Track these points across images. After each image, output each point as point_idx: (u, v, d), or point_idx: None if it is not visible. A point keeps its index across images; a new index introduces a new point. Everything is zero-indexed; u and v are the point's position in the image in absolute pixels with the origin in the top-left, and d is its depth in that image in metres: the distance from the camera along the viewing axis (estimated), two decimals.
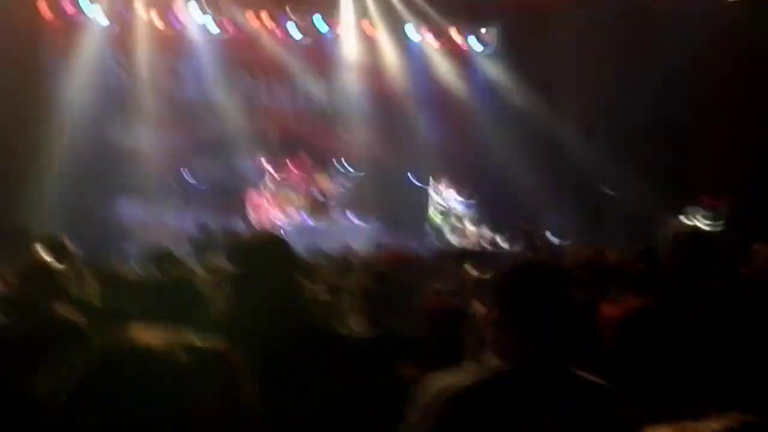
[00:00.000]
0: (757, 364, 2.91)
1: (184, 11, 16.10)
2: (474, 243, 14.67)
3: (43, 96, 14.63)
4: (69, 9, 15.26)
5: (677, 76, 14.49)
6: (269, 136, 16.30)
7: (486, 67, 18.10)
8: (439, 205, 15.47)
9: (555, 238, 14.57)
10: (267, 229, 13.76)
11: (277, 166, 15.93)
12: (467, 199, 15.48)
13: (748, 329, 3.05)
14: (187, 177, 15.39)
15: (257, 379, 2.53)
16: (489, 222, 15.37)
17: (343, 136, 17.48)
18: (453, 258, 7.89)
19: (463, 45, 18.12)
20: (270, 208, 15.59)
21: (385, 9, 17.37)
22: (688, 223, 13.22)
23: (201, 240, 12.93)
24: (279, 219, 15.50)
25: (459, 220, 15.19)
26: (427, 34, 17.83)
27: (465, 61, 18.31)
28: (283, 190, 15.79)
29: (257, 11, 16.60)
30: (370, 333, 3.66)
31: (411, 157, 17.22)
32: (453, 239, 14.98)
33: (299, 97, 17.61)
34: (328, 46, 17.50)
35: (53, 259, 5.89)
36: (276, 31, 16.90)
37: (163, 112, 16.36)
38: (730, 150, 14.19)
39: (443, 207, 15.40)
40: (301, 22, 17.03)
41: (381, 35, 17.57)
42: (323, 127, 17.74)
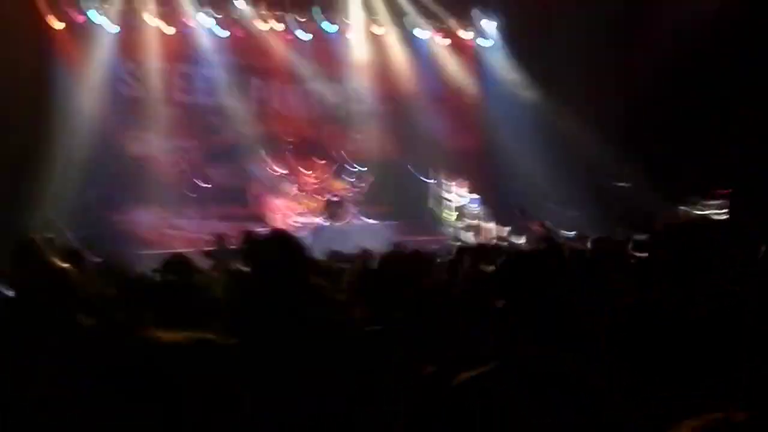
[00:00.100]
0: (756, 361, 2.88)
1: (192, 16, 16.12)
2: (487, 239, 14.64)
3: (54, 105, 14.69)
4: (77, 17, 15.32)
5: (684, 66, 14.47)
6: (282, 140, 16.31)
7: (493, 61, 18.07)
8: (452, 203, 15.46)
9: (564, 231, 14.52)
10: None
11: (291, 170, 15.95)
12: (479, 196, 15.45)
13: (748, 324, 3.02)
14: (201, 183, 15.39)
15: (268, 375, 2.55)
16: (500, 217, 15.33)
17: (355, 137, 17.50)
18: (467, 255, 7.86)
19: (470, 41, 18.09)
20: (285, 212, 15.61)
21: (392, 8, 17.38)
22: (694, 213, 13.19)
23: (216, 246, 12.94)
24: (294, 223, 15.53)
25: (472, 217, 15.17)
26: (434, 31, 17.81)
27: (472, 56, 18.30)
28: (297, 193, 15.81)
29: (265, 14, 16.62)
30: (377, 327, 3.66)
31: (423, 155, 17.22)
32: (466, 236, 14.96)
33: (311, 99, 17.63)
34: (336, 47, 17.51)
35: (69, 265, 5.90)
36: (285, 33, 16.91)
37: (175, 119, 16.42)
38: (736, 141, 14.14)
39: (456, 205, 15.39)
40: (309, 24, 17.04)
41: (388, 34, 17.57)
42: (336, 129, 17.76)
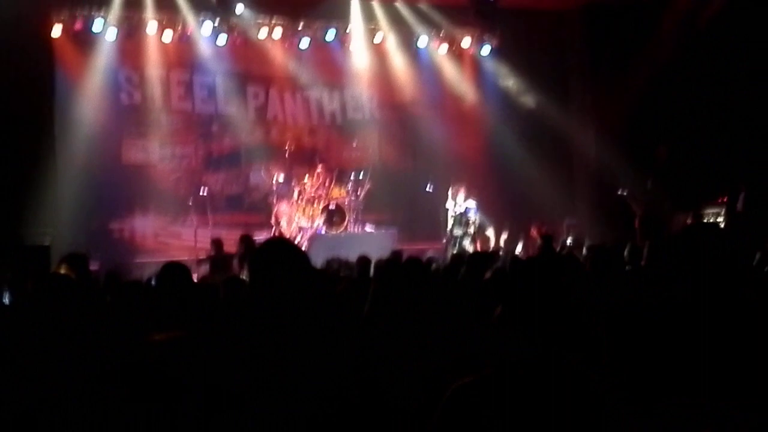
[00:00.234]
0: (757, 363, 2.88)
1: (192, 24, 16.16)
2: (485, 247, 14.65)
3: (54, 112, 14.72)
4: (77, 25, 15.35)
5: (688, 72, 14.50)
6: (281, 148, 16.32)
7: (492, 69, 18.09)
8: (453, 211, 15.46)
9: (570, 239, 14.55)
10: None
11: (289, 178, 15.95)
12: (478, 203, 15.44)
13: (749, 326, 3.01)
14: (199, 191, 15.40)
15: (268, 381, 2.57)
16: (502, 226, 15.34)
17: (354, 145, 17.52)
18: (464, 262, 7.86)
19: (469, 48, 18.11)
20: (286, 220, 15.61)
21: (392, 15, 17.40)
22: (702, 219, 13.18)
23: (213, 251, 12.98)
24: (296, 231, 15.54)
25: (470, 224, 15.17)
26: (434, 39, 17.82)
27: (471, 64, 18.31)
28: (295, 201, 15.81)
29: (265, 22, 16.65)
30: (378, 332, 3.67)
31: (422, 163, 17.24)
32: (465, 244, 14.96)
33: (310, 107, 17.66)
34: (336, 55, 17.53)
35: (73, 273, 5.92)
36: (284, 41, 16.94)
37: (174, 126, 16.45)
38: (744, 146, 14.13)
39: (458, 213, 15.38)
40: (308, 31, 17.06)
41: (388, 42, 17.59)
42: (334, 136, 17.79)
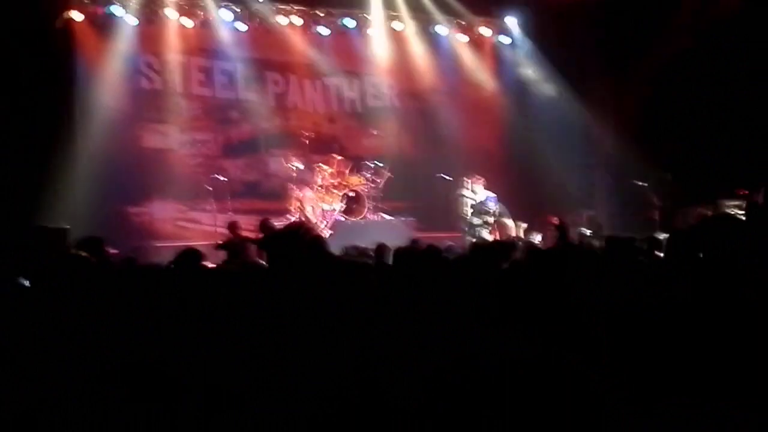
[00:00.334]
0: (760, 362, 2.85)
1: (212, 10, 16.18)
2: (504, 237, 14.59)
3: (74, 97, 14.76)
4: (98, 10, 15.39)
5: (708, 63, 14.40)
6: (300, 135, 16.33)
7: (513, 58, 18.03)
8: (471, 200, 15.43)
9: (587, 230, 14.50)
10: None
11: (308, 165, 15.97)
12: (497, 193, 15.41)
13: (749, 326, 2.98)
14: (218, 176, 15.43)
15: (281, 365, 2.57)
16: (520, 216, 15.29)
17: (373, 133, 17.51)
18: (482, 251, 7.83)
19: (490, 37, 18.06)
20: (302, 206, 15.62)
21: (412, 4, 17.34)
22: (721, 211, 13.09)
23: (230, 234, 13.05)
24: (314, 218, 15.55)
25: (489, 214, 15.13)
26: (454, 28, 17.78)
27: (492, 53, 18.26)
28: (314, 188, 15.82)
29: (285, 8, 16.65)
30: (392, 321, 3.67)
31: (441, 152, 17.20)
32: (484, 233, 14.93)
33: (329, 94, 17.66)
34: (356, 43, 17.52)
35: (87, 254, 5.91)
36: (304, 28, 16.94)
37: (193, 112, 16.48)
38: (759, 139, 14.03)
39: (475, 202, 15.35)
40: (328, 19, 17.06)
41: (408, 30, 17.54)
42: (354, 124, 17.79)
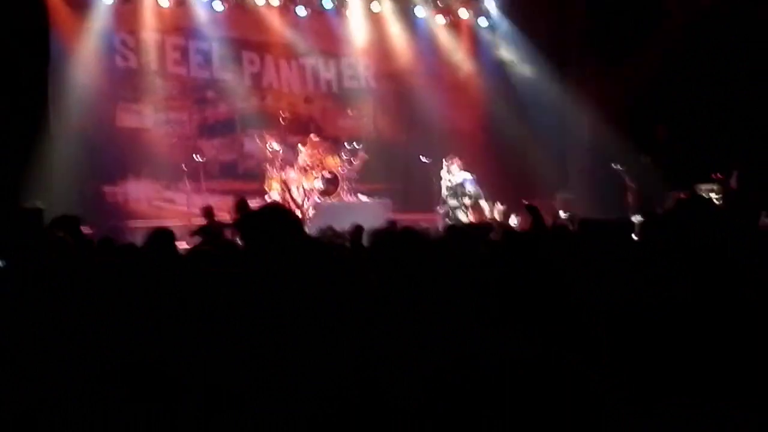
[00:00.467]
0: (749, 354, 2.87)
1: None
2: (482, 219, 14.63)
3: (48, 76, 14.61)
4: None
5: (689, 50, 14.47)
6: (276, 115, 16.27)
7: (491, 40, 18.02)
8: (449, 182, 15.44)
9: (563, 212, 14.56)
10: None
11: (285, 145, 15.91)
12: (475, 175, 15.43)
13: (749, 326, 2.99)
14: (194, 157, 15.36)
15: (262, 351, 2.57)
16: (497, 197, 15.32)
17: (350, 114, 17.48)
18: (457, 233, 7.85)
19: (468, 19, 18.04)
20: (290, 188, 15.56)
21: None
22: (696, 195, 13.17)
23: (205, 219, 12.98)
24: (300, 199, 15.51)
25: (469, 197, 15.16)
26: (432, 9, 17.75)
27: (470, 35, 18.24)
28: (290, 169, 15.77)
29: None
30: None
31: (419, 133, 17.20)
32: (461, 215, 14.97)
33: (306, 75, 17.59)
34: (333, 24, 17.46)
35: (66, 235, 5.88)
36: (281, 8, 16.85)
37: (169, 91, 16.38)
38: (740, 126, 14.13)
39: (453, 184, 15.36)
40: (307, 1, 16.97)
41: (386, 11, 17.49)
42: (331, 106, 17.74)
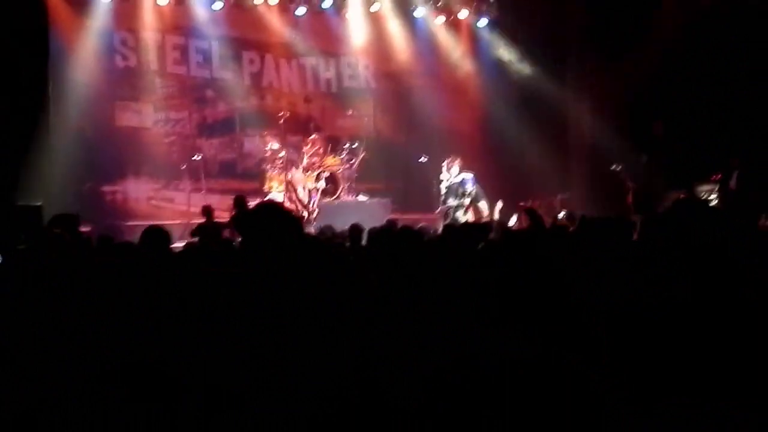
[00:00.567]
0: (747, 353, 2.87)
1: None
2: (479, 218, 14.65)
3: (48, 74, 14.62)
4: None
5: (687, 49, 14.48)
6: (275, 115, 16.27)
7: (490, 40, 18.02)
8: (448, 182, 15.45)
9: (562, 212, 14.57)
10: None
11: (284, 145, 15.91)
12: (473, 174, 15.44)
13: (749, 326, 2.99)
14: (193, 156, 15.38)
15: (259, 348, 2.59)
16: (495, 197, 15.34)
17: (351, 114, 17.49)
18: (455, 232, 7.90)
19: (467, 19, 18.03)
20: (296, 189, 15.57)
21: None
22: (695, 196, 13.20)
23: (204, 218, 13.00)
24: (305, 199, 15.53)
25: (467, 196, 15.17)
26: (431, 9, 17.75)
27: (469, 35, 18.24)
28: (289, 168, 15.77)
29: None
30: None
31: (419, 134, 17.21)
32: (459, 215, 14.99)
33: (305, 74, 17.59)
34: (332, 23, 17.46)
35: (65, 233, 5.91)
36: (280, 7, 16.85)
37: (168, 90, 16.39)
38: (740, 126, 14.13)
39: (453, 184, 15.38)
40: (307, 0, 16.97)
41: (385, 11, 17.50)
42: (331, 105, 17.75)
